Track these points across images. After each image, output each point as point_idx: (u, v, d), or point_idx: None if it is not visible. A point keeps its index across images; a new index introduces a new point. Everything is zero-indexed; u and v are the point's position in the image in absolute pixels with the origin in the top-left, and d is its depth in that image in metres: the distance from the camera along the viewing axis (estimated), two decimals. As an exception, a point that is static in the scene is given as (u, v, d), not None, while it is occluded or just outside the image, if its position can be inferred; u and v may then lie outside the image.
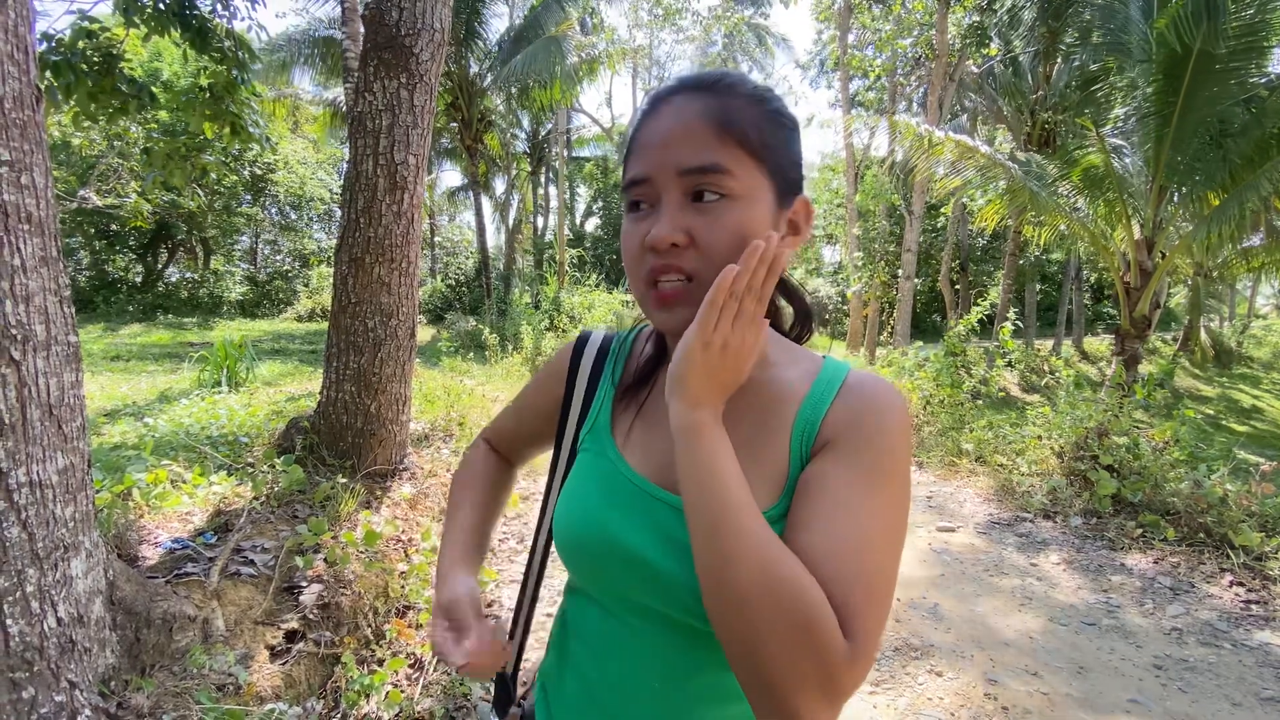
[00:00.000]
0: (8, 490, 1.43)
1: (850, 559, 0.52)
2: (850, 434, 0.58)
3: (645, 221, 0.61)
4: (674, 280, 0.59)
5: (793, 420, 0.62)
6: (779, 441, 0.61)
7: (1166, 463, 4.26)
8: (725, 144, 0.58)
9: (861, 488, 0.55)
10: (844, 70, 13.54)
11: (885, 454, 0.57)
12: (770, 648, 0.48)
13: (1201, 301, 16.69)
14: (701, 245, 0.58)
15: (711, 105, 0.59)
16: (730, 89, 0.61)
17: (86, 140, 14.18)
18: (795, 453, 0.60)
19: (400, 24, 3.13)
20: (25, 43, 1.50)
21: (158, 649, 1.85)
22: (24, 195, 1.48)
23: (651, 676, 0.64)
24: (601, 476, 0.69)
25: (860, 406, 0.60)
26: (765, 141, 0.60)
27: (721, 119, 0.59)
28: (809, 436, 0.60)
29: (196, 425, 4.22)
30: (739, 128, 0.59)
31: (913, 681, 2.51)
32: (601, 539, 0.65)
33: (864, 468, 0.56)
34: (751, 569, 0.50)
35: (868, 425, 0.58)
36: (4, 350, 1.43)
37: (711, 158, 0.58)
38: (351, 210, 3.25)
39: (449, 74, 13.79)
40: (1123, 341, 6.36)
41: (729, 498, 0.52)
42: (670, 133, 0.60)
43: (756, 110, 0.61)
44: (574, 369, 0.79)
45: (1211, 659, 2.69)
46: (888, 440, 0.57)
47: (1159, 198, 6.23)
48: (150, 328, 15.26)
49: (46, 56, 3.96)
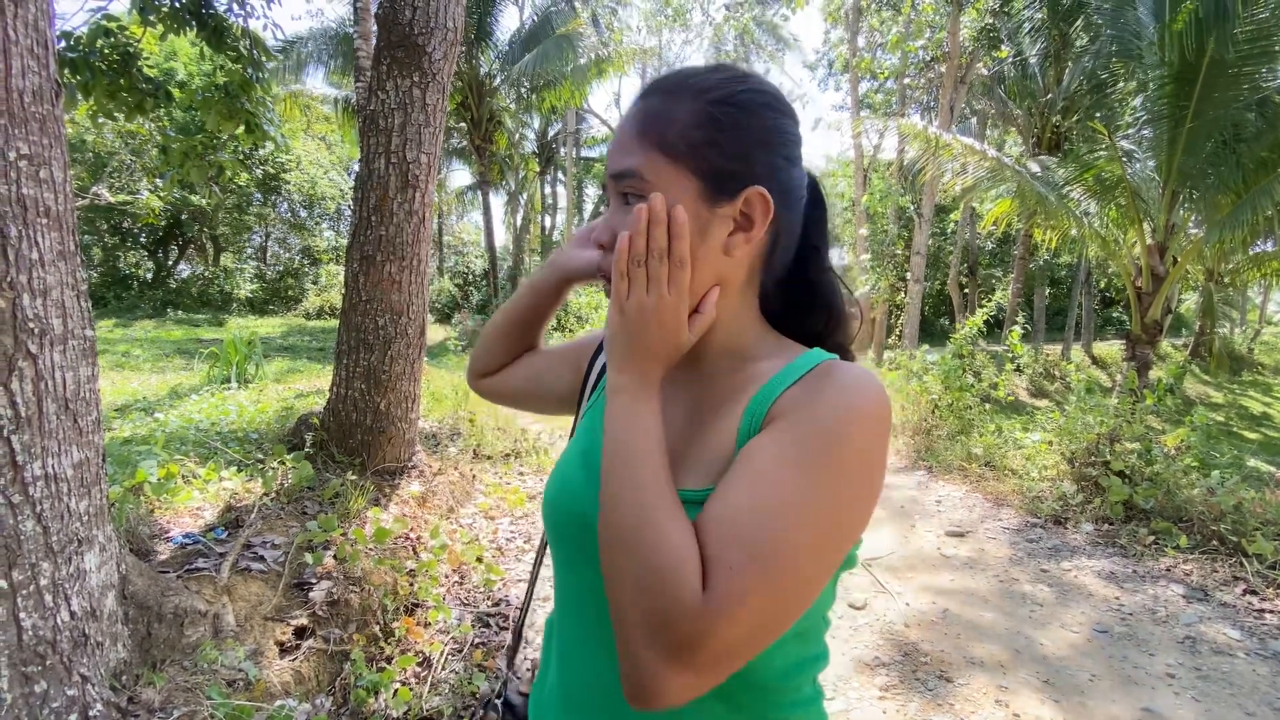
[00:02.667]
0: (23, 483, 1.43)
1: (742, 523, 0.48)
2: (797, 411, 0.54)
3: None
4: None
5: (745, 405, 0.59)
6: (729, 424, 0.59)
7: (1179, 469, 4.22)
8: (642, 147, 0.59)
9: (789, 464, 0.50)
10: (853, 72, 13.51)
11: (831, 438, 0.51)
12: (623, 593, 0.49)
13: (1213, 307, 16.56)
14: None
15: (645, 108, 0.60)
16: (671, 89, 0.60)
17: (100, 138, 14.30)
18: (743, 431, 0.57)
19: (413, 23, 3.14)
20: (45, 37, 1.50)
21: (169, 644, 1.86)
22: (42, 189, 1.48)
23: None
24: (582, 447, 0.70)
25: (818, 388, 0.55)
26: (689, 140, 0.57)
27: (643, 122, 0.60)
28: (759, 416, 0.57)
29: (207, 421, 4.25)
30: (656, 130, 0.59)
31: (922, 687, 2.50)
32: (572, 506, 0.65)
33: (798, 444, 0.51)
34: (626, 514, 0.51)
35: (819, 405, 0.53)
36: (21, 344, 1.43)
37: (625, 162, 0.59)
38: (363, 208, 3.26)
39: (460, 73, 13.83)
40: (1134, 347, 6.31)
41: (633, 448, 0.54)
42: (614, 138, 0.63)
43: (692, 106, 0.58)
44: (593, 361, 0.82)
45: (1225, 668, 2.66)
46: (838, 424, 0.52)
47: (1171, 202, 6.18)
48: (162, 324, 15.37)
49: (64, 54, 3.99)
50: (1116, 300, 24.86)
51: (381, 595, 2.42)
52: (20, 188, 1.44)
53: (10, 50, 1.41)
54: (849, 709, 2.36)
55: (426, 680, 2.21)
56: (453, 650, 2.40)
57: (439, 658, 2.32)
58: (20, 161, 1.44)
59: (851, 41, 13.46)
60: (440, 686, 2.20)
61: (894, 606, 3.14)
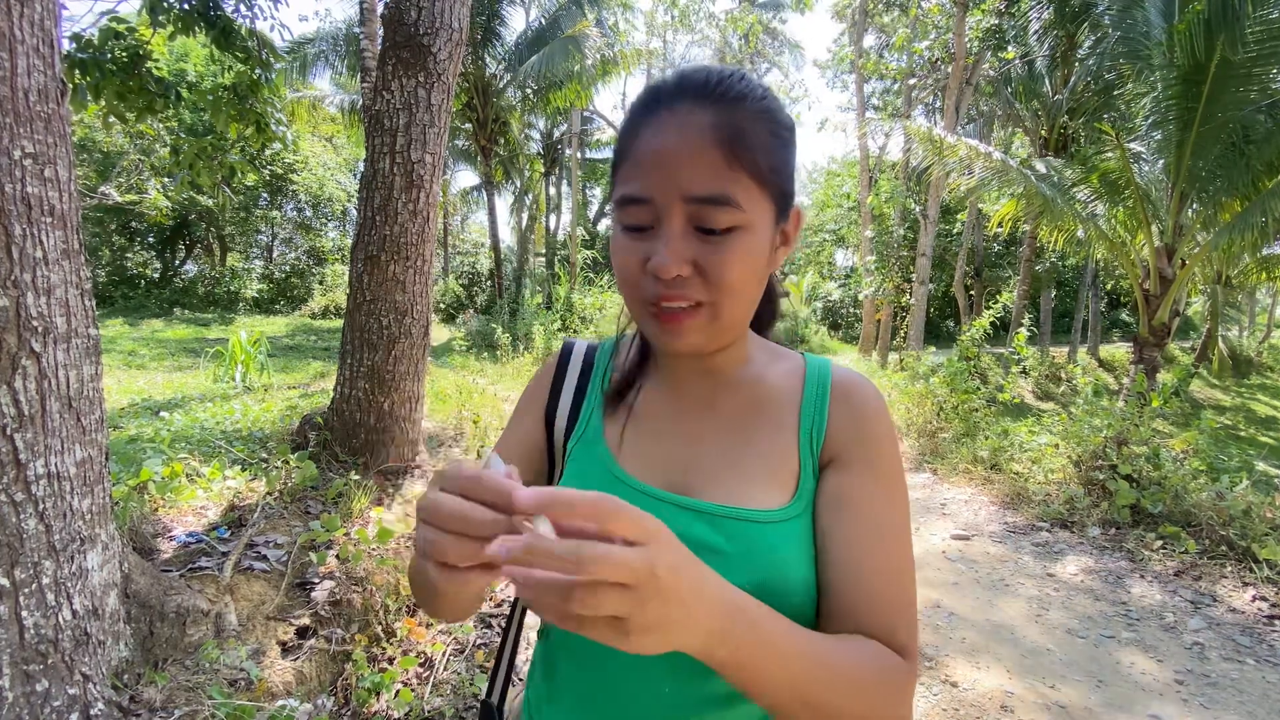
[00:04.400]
0: (26, 482, 1.43)
1: (893, 582, 0.59)
2: (860, 446, 0.64)
3: (644, 242, 0.58)
4: (681, 305, 0.58)
5: (796, 422, 0.65)
6: (785, 442, 0.65)
7: (1187, 473, 4.19)
8: (735, 172, 0.55)
9: (884, 500, 0.62)
10: (859, 73, 13.48)
11: (890, 457, 0.64)
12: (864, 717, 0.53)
13: (1220, 310, 16.44)
14: (710, 277, 0.57)
15: (720, 122, 0.55)
16: (739, 99, 0.57)
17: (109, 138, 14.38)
18: (806, 457, 0.64)
19: (419, 23, 3.14)
20: (50, 37, 1.51)
21: (171, 643, 1.86)
22: (47, 188, 1.49)
23: (662, 681, 0.62)
24: (598, 484, 0.67)
25: (858, 414, 0.65)
26: (771, 165, 0.58)
27: (732, 142, 0.55)
28: (817, 443, 0.64)
29: (212, 420, 4.25)
30: (750, 154, 0.56)
31: (927, 691, 2.48)
32: None
33: (881, 477, 0.63)
34: (837, 696, 0.51)
35: (871, 433, 0.64)
36: (25, 342, 1.43)
37: (721, 188, 0.55)
38: (368, 208, 3.26)
39: (466, 74, 13.86)
40: (1141, 350, 6.27)
41: (784, 674, 0.48)
42: (676, 152, 0.55)
43: (764, 127, 0.58)
44: (559, 378, 0.76)
45: (1234, 674, 2.63)
46: (888, 443, 0.64)
47: (1179, 204, 6.13)
48: (168, 323, 15.43)
49: (75, 55, 4.01)
50: (1123, 303, 24.73)
51: (384, 595, 2.42)
52: (25, 186, 1.44)
53: (16, 49, 1.42)
54: None
55: (428, 681, 2.20)
56: (454, 651, 2.40)
57: (441, 658, 2.32)
58: (25, 160, 1.44)
59: (857, 42, 13.43)
60: (442, 687, 2.20)
61: (898, 610, 3.12)
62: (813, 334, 20.80)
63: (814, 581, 0.61)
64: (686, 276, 0.57)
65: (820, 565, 0.61)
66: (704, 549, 0.59)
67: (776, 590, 0.59)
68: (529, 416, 0.76)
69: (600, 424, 0.71)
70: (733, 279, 0.57)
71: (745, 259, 0.57)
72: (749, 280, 0.59)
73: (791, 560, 0.60)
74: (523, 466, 0.73)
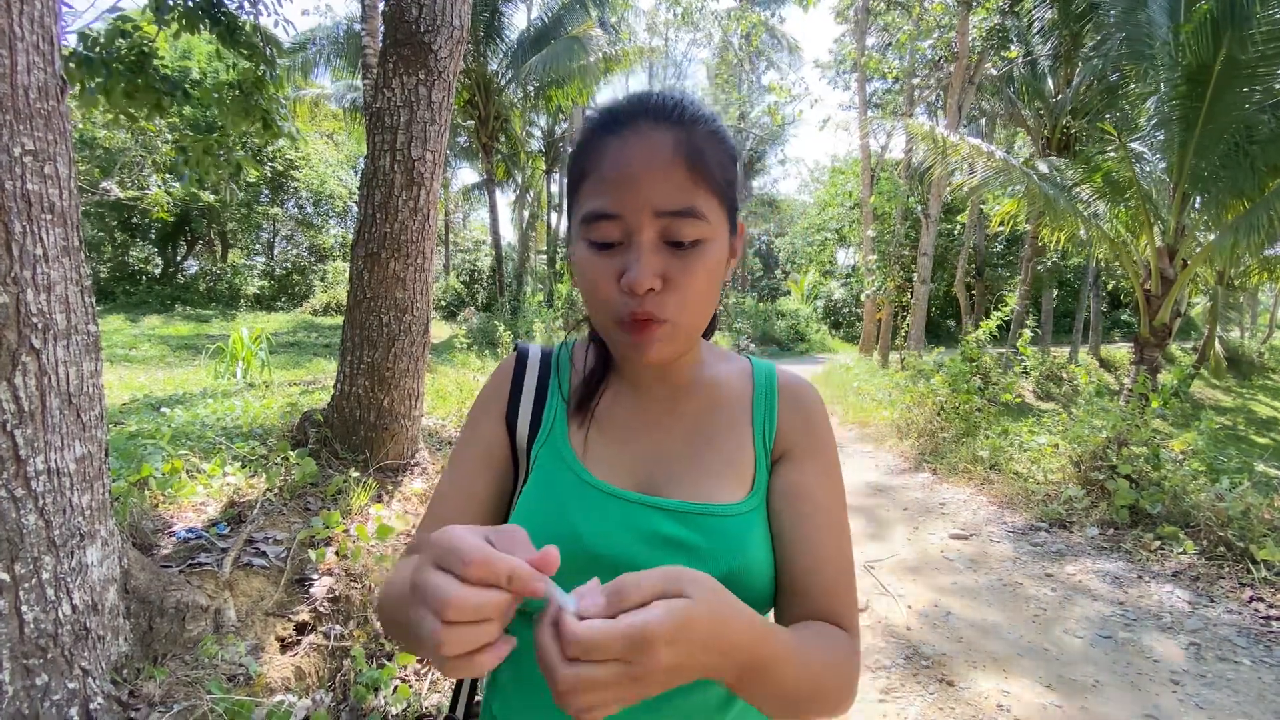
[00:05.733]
0: (26, 477, 1.44)
1: (839, 566, 0.67)
2: (807, 442, 0.71)
3: (613, 258, 0.60)
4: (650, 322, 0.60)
5: (749, 420, 0.71)
6: (741, 439, 0.70)
7: (1187, 474, 4.19)
8: (698, 185, 0.59)
9: (830, 492, 0.69)
10: (861, 72, 13.45)
11: (832, 452, 0.72)
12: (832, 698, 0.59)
13: (1219, 311, 16.41)
14: (678, 289, 0.59)
15: (681, 140, 0.59)
16: (693, 121, 0.61)
17: (111, 134, 14.38)
18: (760, 454, 0.70)
19: (420, 20, 3.14)
20: (50, 34, 1.51)
21: (170, 638, 1.87)
22: (47, 185, 1.49)
23: None
24: (567, 487, 0.67)
25: (805, 413, 0.72)
26: (725, 178, 0.62)
27: (693, 158, 0.59)
28: (769, 440, 0.71)
29: (212, 417, 4.26)
30: (708, 168, 0.59)
31: (923, 691, 2.48)
32: (580, 549, 0.63)
33: (826, 471, 0.70)
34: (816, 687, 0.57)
35: (814, 429, 0.72)
36: (25, 339, 1.44)
37: (688, 201, 0.58)
38: (368, 205, 3.26)
39: (468, 71, 13.85)
40: (1142, 350, 6.26)
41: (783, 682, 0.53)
42: (645, 169, 0.58)
43: (718, 147, 0.61)
44: (518, 382, 0.75)
45: (1230, 675, 2.63)
46: (830, 440, 0.73)
47: (1182, 204, 6.12)
48: (169, 319, 15.46)
49: (82, 54, 4.02)
50: (1124, 303, 24.70)
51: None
52: (25, 183, 1.44)
53: (16, 46, 1.42)
54: (849, 711, 2.35)
55: (426, 677, 2.21)
56: (453, 648, 2.40)
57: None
58: (25, 157, 1.44)
59: (859, 41, 13.41)
60: (440, 684, 2.20)
61: (896, 608, 3.13)
62: (814, 333, 20.79)
63: (773, 566, 0.67)
64: (658, 290, 0.59)
65: (779, 552, 0.67)
66: (676, 545, 0.63)
67: (743, 578, 0.63)
68: (489, 421, 0.74)
69: (565, 428, 0.72)
70: (698, 290, 0.61)
71: (709, 271, 0.61)
72: (712, 291, 0.63)
73: (754, 549, 0.65)
74: (485, 473, 0.73)
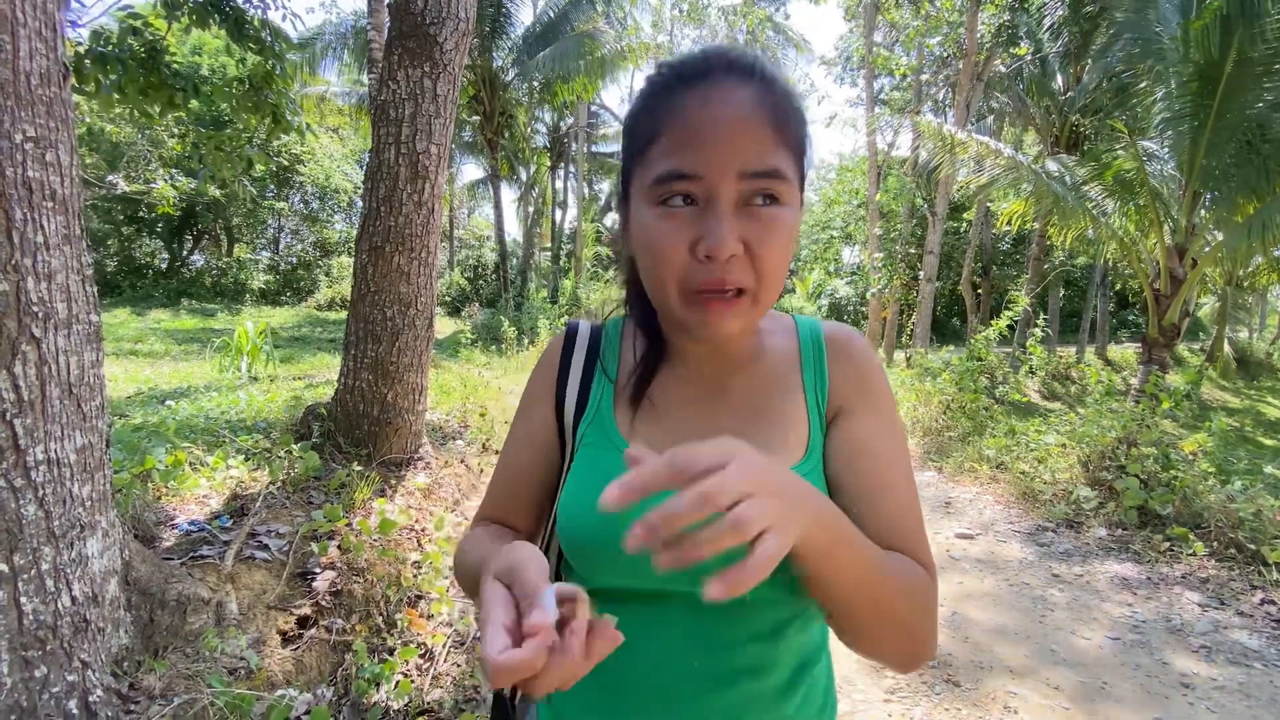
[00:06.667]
0: (25, 468, 1.42)
1: (910, 511, 0.64)
2: (861, 394, 0.68)
3: (689, 221, 0.56)
4: (728, 291, 0.57)
5: (800, 383, 0.69)
6: (795, 403, 0.68)
7: (1198, 475, 4.15)
8: (781, 146, 0.56)
9: (889, 437, 0.66)
10: (869, 68, 13.37)
11: (887, 397, 0.69)
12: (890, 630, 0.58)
13: (1228, 311, 16.28)
14: (756, 256, 0.56)
15: (764, 98, 0.56)
16: (772, 78, 0.58)
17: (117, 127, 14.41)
18: (814, 416, 0.67)
19: (425, 13, 3.12)
20: (53, 20, 1.49)
21: (171, 630, 1.86)
22: (49, 172, 1.47)
23: (691, 657, 0.63)
24: (611, 469, 0.66)
25: (856, 365, 0.69)
26: (802, 139, 0.59)
27: (778, 116, 0.56)
28: (822, 400, 0.68)
29: (216, 410, 4.26)
30: (791, 128, 0.57)
31: (929, 691, 2.46)
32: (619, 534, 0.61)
33: (883, 416, 0.67)
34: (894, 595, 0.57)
35: (867, 380, 0.69)
36: (25, 327, 1.42)
37: (775, 162, 0.55)
38: (372, 199, 3.25)
39: (474, 66, 13.83)
40: (1150, 350, 6.20)
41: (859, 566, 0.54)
42: (729, 127, 0.54)
43: (794, 105, 0.59)
44: (566, 360, 0.75)
45: (1241, 678, 2.60)
46: (883, 385, 0.69)
47: (1192, 203, 6.06)
48: (175, 313, 15.50)
49: (96, 50, 4.02)
50: (1132, 303, 24.53)
51: (385, 586, 2.42)
52: (26, 170, 1.43)
53: (18, 32, 1.40)
54: (854, 711, 2.33)
55: (428, 673, 2.20)
56: (455, 643, 2.39)
57: (441, 650, 2.31)
58: (26, 144, 1.43)
59: (868, 37, 13.32)
60: (442, 679, 2.19)
61: (902, 608, 3.10)
62: (818, 331, 20.66)
63: None
64: (740, 257, 0.56)
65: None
66: None
67: None
68: (540, 406, 0.75)
69: (611, 406, 0.71)
70: (777, 258, 0.58)
71: (787, 237, 0.58)
72: (787, 260, 0.59)
73: None
74: (532, 454, 0.74)
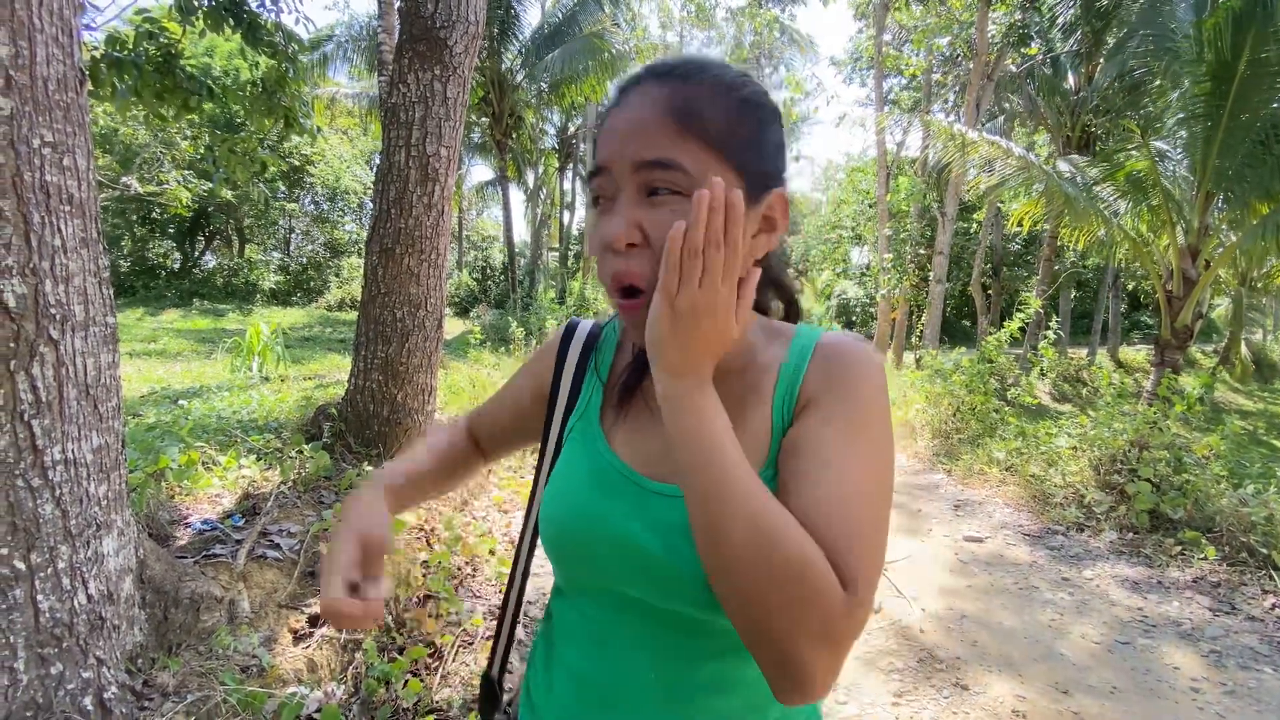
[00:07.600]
0: (43, 467, 1.45)
1: (838, 510, 0.53)
2: (826, 393, 0.60)
3: (605, 216, 0.59)
4: (633, 286, 0.58)
5: (773, 390, 0.63)
6: (761, 415, 0.63)
7: (1210, 479, 4.11)
8: (684, 137, 0.55)
9: (841, 442, 0.57)
10: (878, 68, 13.33)
11: (859, 406, 0.59)
12: (769, 599, 0.49)
13: (1243, 313, 16.11)
14: (653, 243, 0.56)
15: (674, 94, 0.56)
16: (698, 76, 0.58)
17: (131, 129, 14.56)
18: (777, 418, 0.62)
19: (435, 16, 3.14)
20: (70, 26, 1.52)
21: (184, 628, 1.88)
22: (66, 177, 1.50)
23: (646, 668, 0.64)
24: (590, 466, 0.68)
25: (832, 365, 0.62)
26: (732, 133, 0.57)
27: (681, 110, 0.56)
28: (789, 402, 0.62)
29: (229, 409, 4.30)
30: (699, 120, 0.56)
31: (937, 695, 2.45)
32: (591, 528, 0.64)
33: (841, 421, 0.58)
34: (744, 525, 0.50)
35: (841, 382, 0.60)
36: (43, 329, 1.45)
37: (666, 152, 0.55)
38: (383, 201, 3.27)
39: (483, 68, 13.88)
40: (1163, 352, 6.16)
41: (725, 458, 0.52)
42: (629, 123, 0.57)
43: (724, 99, 0.57)
44: (561, 357, 0.78)
45: (1252, 684, 2.58)
46: (860, 393, 0.59)
47: (1205, 204, 6.01)
48: (188, 314, 15.64)
49: (112, 55, 4.08)
50: (1144, 304, 24.32)
51: (394, 586, 2.44)
52: (44, 174, 1.45)
53: (35, 38, 1.43)
54: (861, 714, 2.33)
55: (437, 671, 2.21)
56: (463, 642, 2.41)
57: (450, 649, 2.33)
58: (44, 149, 1.45)
59: (877, 37, 13.28)
60: (451, 678, 2.21)
61: (909, 611, 3.09)
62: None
63: None
64: (637, 245, 0.56)
65: None
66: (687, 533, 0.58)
67: None
68: (524, 388, 0.82)
69: (599, 403, 0.73)
70: None
71: None
72: None
73: None
74: (505, 435, 0.85)
